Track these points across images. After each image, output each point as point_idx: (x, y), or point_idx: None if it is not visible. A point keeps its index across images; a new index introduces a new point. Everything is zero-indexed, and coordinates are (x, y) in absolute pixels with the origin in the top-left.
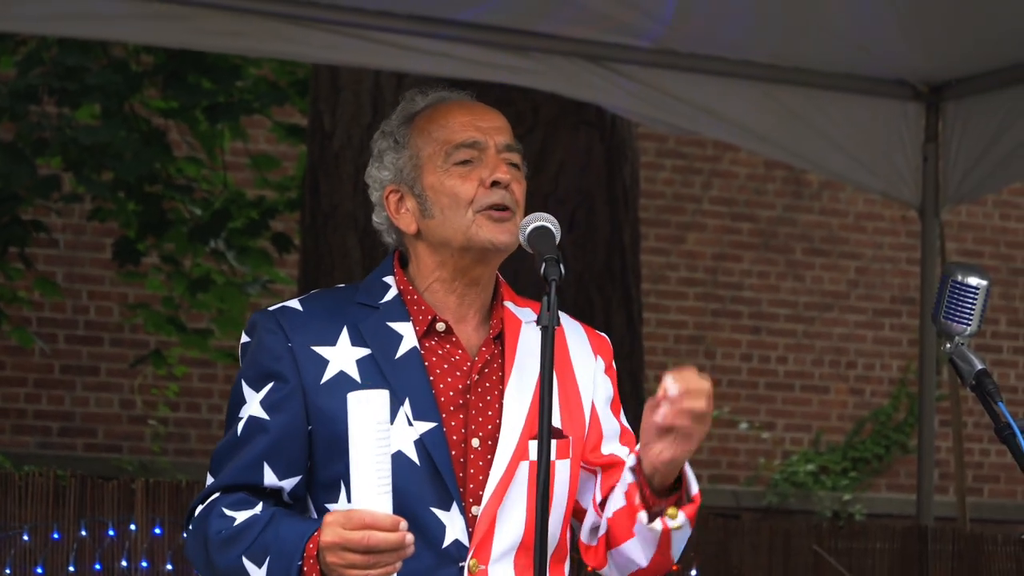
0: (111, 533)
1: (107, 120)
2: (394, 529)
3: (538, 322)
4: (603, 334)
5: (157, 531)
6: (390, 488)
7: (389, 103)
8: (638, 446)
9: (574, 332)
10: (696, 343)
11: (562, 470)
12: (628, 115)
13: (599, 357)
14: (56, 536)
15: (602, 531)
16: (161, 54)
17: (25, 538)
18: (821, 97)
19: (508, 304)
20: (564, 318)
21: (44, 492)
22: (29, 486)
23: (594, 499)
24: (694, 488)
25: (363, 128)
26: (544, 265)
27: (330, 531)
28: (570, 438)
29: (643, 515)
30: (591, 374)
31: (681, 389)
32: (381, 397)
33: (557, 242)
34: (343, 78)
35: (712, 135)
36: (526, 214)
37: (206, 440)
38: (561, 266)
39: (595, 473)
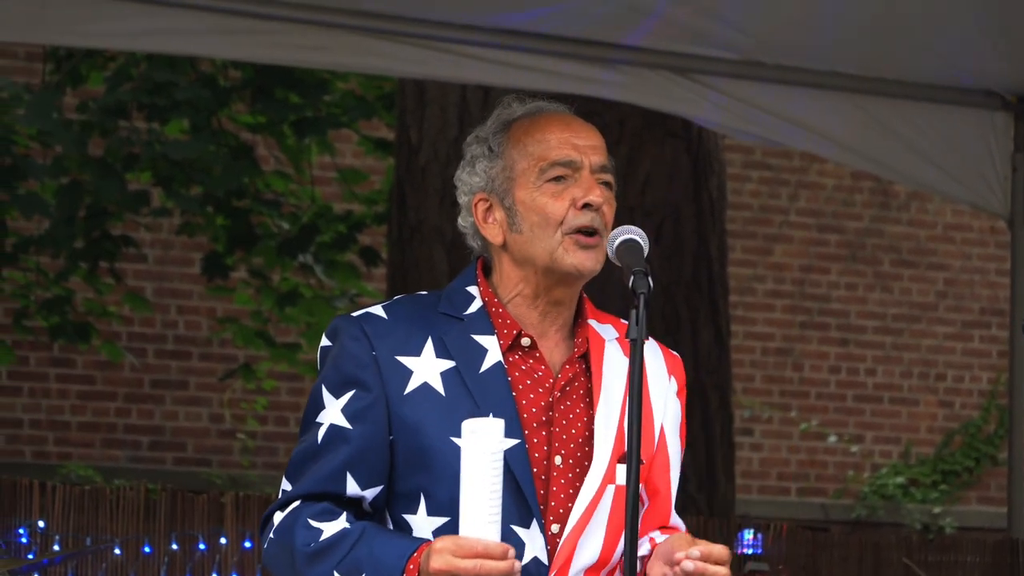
0: (202, 547)
1: (196, 135)
2: (504, 558)
3: (627, 335)
4: (676, 354)
5: (247, 544)
6: (499, 518)
7: (475, 117)
8: (661, 540)
9: (650, 350)
10: (784, 355)
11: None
12: (714, 127)
13: (672, 378)
14: (147, 550)
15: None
16: (249, 69)
17: (117, 552)
18: (908, 108)
19: (591, 322)
20: None
21: (135, 506)
22: (120, 500)
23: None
24: None
25: (449, 142)
26: (632, 278)
27: (440, 558)
28: (644, 462)
29: None
30: (663, 395)
31: (699, 570)
32: (496, 426)
33: (645, 255)
34: (430, 92)
35: (799, 146)
36: (613, 228)
37: None
38: (649, 279)
39: (644, 504)
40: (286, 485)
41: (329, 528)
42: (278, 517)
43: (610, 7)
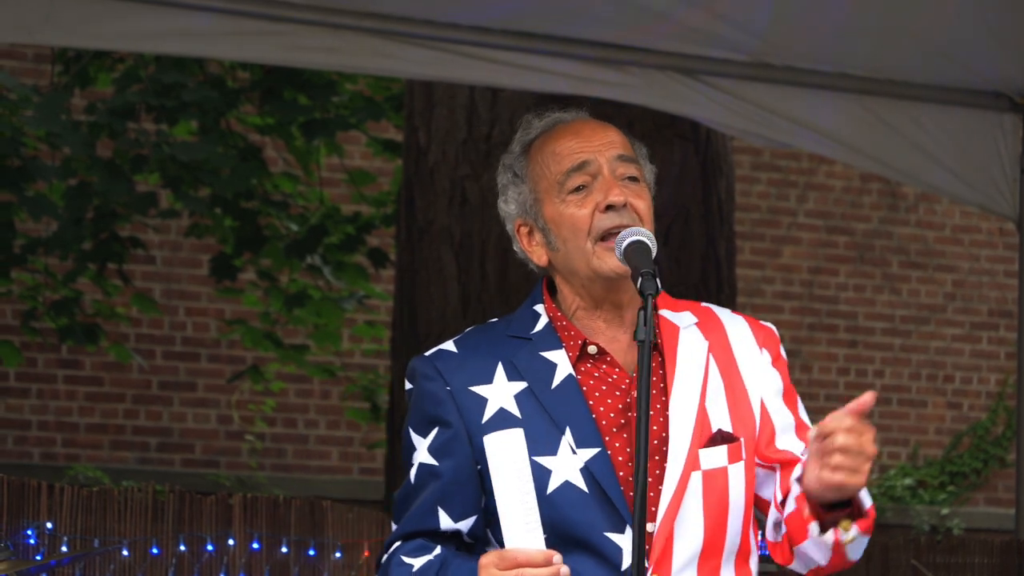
0: (209, 548)
1: (204, 136)
2: (547, 564)
3: (635, 337)
4: (769, 324)
5: (255, 546)
6: (539, 523)
7: (484, 119)
8: (805, 457)
9: (736, 326)
10: (792, 357)
11: (735, 474)
12: (723, 128)
13: (764, 350)
14: (155, 551)
15: (783, 529)
16: (257, 70)
17: (124, 553)
18: (916, 109)
19: (663, 312)
20: (725, 313)
21: (143, 507)
22: (128, 501)
23: (775, 496)
24: (867, 503)
25: (458, 143)
26: (640, 279)
27: (485, 574)
28: (741, 440)
29: (814, 526)
30: (758, 368)
31: (829, 431)
32: (516, 437)
33: (653, 256)
34: (438, 94)
35: (807, 148)
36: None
37: (302, 455)
38: (657, 280)
39: (774, 470)
40: (392, 527)
41: (418, 562)
42: (383, 559)
43: (619, 8)
